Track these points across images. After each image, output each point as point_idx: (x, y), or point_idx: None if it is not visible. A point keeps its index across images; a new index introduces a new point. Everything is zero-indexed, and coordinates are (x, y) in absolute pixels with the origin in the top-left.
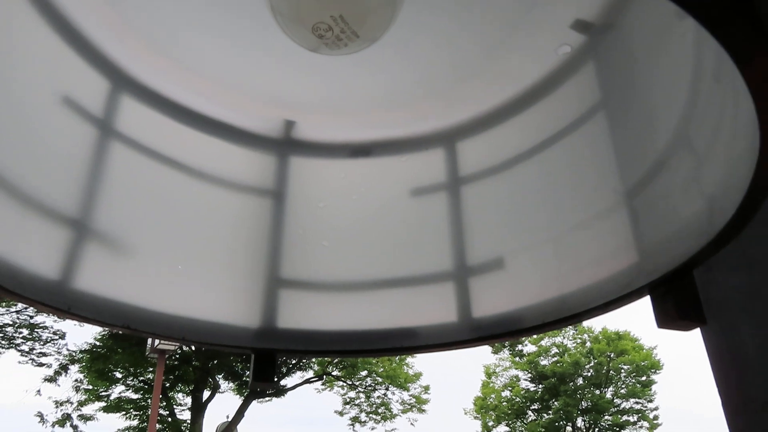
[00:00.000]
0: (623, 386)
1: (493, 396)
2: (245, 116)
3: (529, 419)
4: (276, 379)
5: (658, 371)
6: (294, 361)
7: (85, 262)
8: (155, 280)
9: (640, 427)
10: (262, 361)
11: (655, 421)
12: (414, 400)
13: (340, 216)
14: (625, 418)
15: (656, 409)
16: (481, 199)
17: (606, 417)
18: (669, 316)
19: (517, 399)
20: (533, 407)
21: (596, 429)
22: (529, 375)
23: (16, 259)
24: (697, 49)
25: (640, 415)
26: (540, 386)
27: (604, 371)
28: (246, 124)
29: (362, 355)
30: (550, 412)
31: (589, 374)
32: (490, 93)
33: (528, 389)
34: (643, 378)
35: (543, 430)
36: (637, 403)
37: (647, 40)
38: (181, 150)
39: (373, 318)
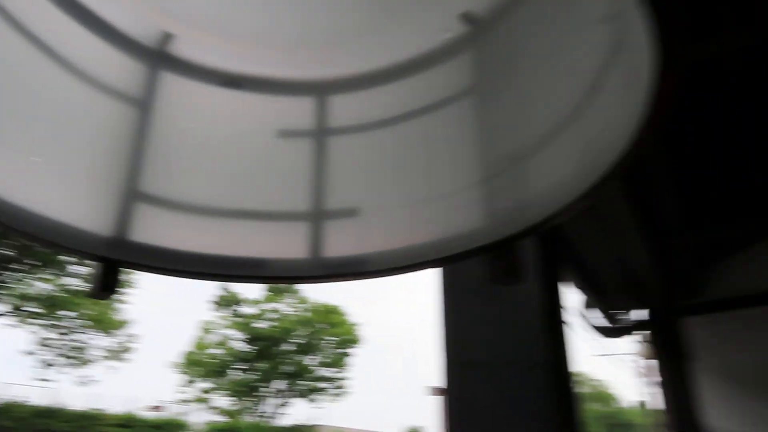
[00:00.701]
0: (328, 355)
1: (203, 352)
2: (124, 14)
3: (232, 377)
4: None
5: (357, 345)
6: None
7: None
8: (7, 166)
9: (330, 393)
10: (108, 271)
11: (343, 389)
12: (118, 347)
13: (206, 141)
14: (320, 384)
15: (348, 378)
16: (346, 152)
17: (303, 382)
18: (499, 274)
19: (226, 357)
20: (239, 366)
21: (291, 391)
22: (244, 335)
23: None
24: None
25: (333, 382)
26: (251, 347)
27: (312, 340)
28: (123, 24)
29: (211, 279)
30: (255, 372)
31: (300, 341)
32: (371, 57)
33: (239, 349)
34: (345, 350)
35: (243, 388)
36: (335, 372)
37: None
38: (51, 33)
39: (228, 244)
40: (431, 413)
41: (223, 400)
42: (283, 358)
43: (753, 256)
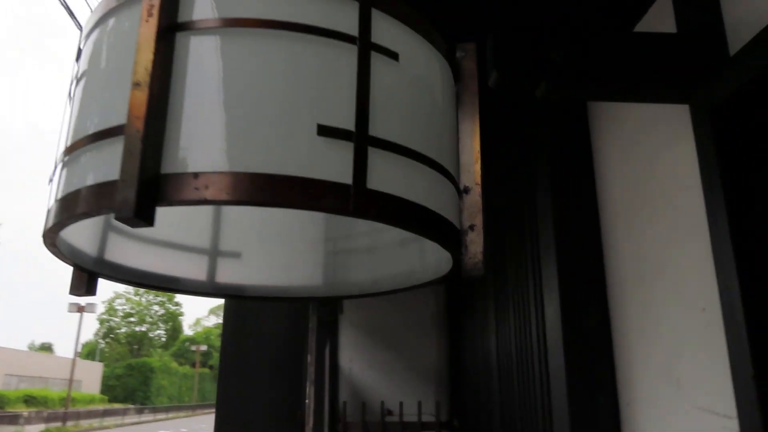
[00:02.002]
0: None
1: None
2: None
3: None
4: None
5: None
6: None
7: None
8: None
9: None
10: (91, 279)
11: None
12: None
13: None
14: None
15: None
16: (237, 216)
17: None
18: (324, 319)
19: None
20: None
21: None
22: None
23: None
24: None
25: None
26: None
27: None
28: None
29: (146, 287)
30: None
31: None
32: None
33: None
34: None
35: None
36: None
37: None
38: None
39: (160, 265)
40: (69, 329)
41: None
42: None
43: None
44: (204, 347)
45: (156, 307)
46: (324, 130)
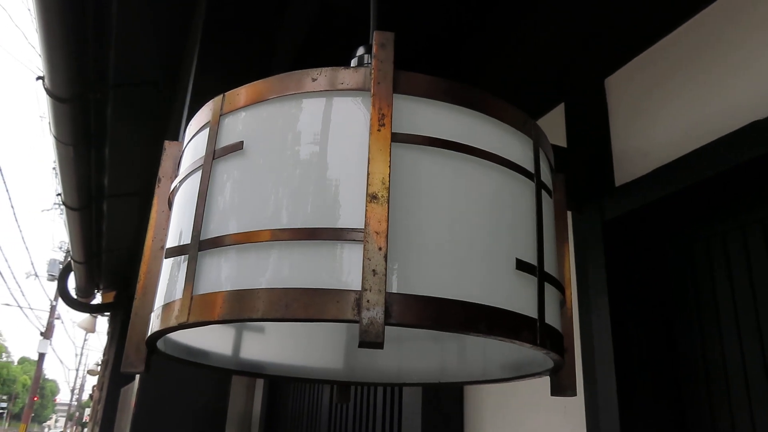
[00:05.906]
0: None
1: None
2: None
3: None
4: None
5: None
6: None
7: None
8: None
9: None
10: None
11: None
12: None
13: None
14: None
15: None
16: None
17: None
18: (340, 397)
19: None
20: None
21: None
22: None
23: None
24: None
25: None
26: None
27: None
28: None
29: (178, 362)
30: None
31: None
32: None
33: None
34: None
35: None
36: None
37: None
38: None
39: (187, 338)
40: None
41: None
42: None
43: None
44: None
45: None
46: (521, 265)
